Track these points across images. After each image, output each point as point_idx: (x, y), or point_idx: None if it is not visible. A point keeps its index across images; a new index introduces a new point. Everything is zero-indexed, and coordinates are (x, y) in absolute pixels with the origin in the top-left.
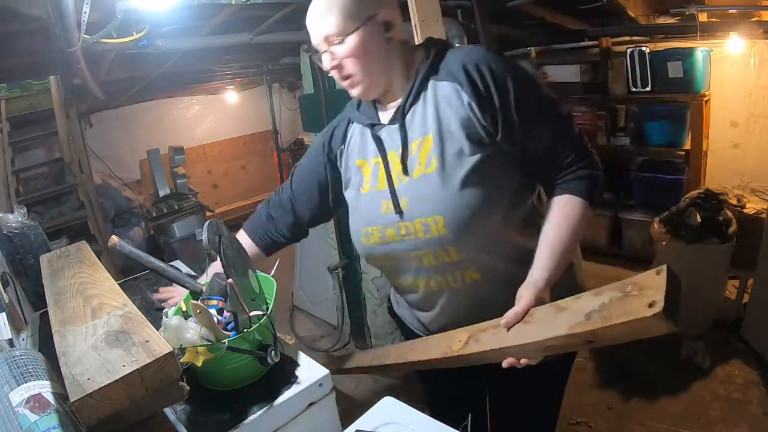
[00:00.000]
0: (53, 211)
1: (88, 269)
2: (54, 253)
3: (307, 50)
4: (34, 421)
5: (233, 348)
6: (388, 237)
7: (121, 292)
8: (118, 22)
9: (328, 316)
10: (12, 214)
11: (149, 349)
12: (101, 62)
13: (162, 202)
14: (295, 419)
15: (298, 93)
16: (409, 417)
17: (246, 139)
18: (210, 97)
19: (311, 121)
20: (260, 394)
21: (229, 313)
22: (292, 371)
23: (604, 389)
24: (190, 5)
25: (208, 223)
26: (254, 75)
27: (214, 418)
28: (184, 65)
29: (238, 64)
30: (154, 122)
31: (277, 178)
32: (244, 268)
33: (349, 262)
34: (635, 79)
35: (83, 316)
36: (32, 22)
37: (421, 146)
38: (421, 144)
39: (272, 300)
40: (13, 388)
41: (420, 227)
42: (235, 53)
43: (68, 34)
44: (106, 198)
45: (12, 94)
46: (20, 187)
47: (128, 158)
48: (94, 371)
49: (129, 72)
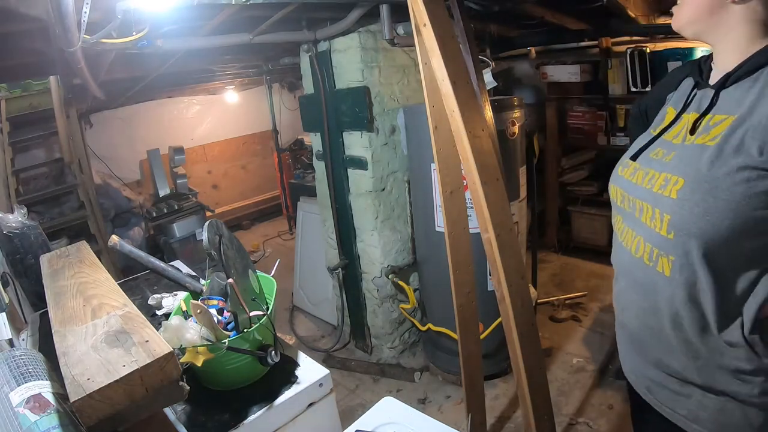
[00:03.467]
0: (53, 211)
1: (88, 269)
2: (54, 253)
3: (307, 50)
4: (34, 421)
5: (233, 348)
6: (636, 175)
7: (121, 292)
8: (118, 22)
9: (328, 316)
10: (12, 214)
11: (149, 349)
12: (101, 62)
13: (162, 202)
14: (295, 419)
15: (298, 93)
16: (409, 417)
17: (246, 139)
18: (210, 97)
19: (311, 121)
20: (260, 394)
21: (229, 313)
22: (292, 371)
23: (605, 389)
24: (190, 5)
25: (209, 223)
26: (254, 75)
27: (214, 418)
28: (184, 65)
29: (238, 64)
30: (154, 122)
31: (277, 178)
32: (244, 268)
33: (349, 262)
34: (635, 79)
35: (83, 316)
36: (32, 22)
37: (719, 124)
38: (720, 122)
39: (272, 300)
40: (13, 388)
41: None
42: (235, 53)
43: (68, 34)
44: (106, 198)
45: (12, 94)
46: (20, 187)
47: (128, 158)
48: (94, 371)
49: (129, 72)
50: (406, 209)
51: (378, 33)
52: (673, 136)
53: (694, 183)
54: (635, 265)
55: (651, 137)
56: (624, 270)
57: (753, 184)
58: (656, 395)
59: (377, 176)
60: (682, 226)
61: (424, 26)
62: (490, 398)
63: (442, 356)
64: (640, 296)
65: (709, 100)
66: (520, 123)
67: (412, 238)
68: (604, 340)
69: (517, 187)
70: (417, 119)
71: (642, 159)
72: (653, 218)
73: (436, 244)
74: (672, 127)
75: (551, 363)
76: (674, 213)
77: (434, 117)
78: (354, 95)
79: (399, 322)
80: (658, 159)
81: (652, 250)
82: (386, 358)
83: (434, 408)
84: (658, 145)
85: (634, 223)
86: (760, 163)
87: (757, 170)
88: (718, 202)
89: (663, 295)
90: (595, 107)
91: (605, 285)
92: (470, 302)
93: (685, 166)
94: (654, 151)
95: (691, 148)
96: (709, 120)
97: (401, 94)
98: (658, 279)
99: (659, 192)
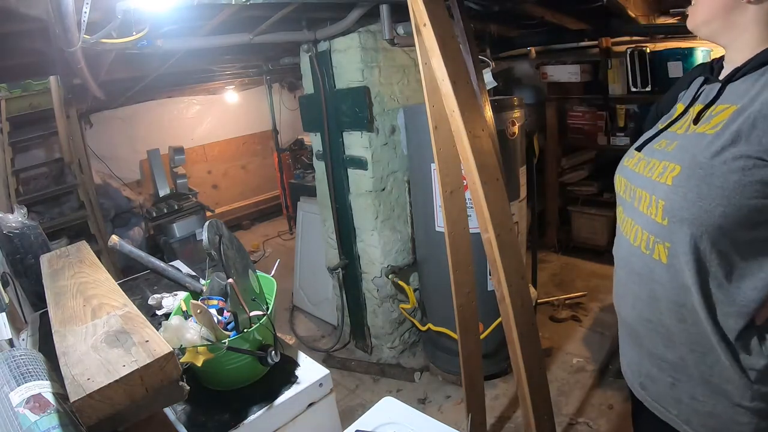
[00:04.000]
0: (53, 211)
1: (88, 269)
2: (54, 253)
3: (307, 50)
4: (34, 421)
5: (233, 348)
6: (639, 165)
7: (121, 292)
8: (118, 22)
9: (328, 316)
10: (12, 214)
11: (149, 349)
12: (101, 62)
13: (162, 202)
14: (295, 419)
15: (298, 93)
16: (409, 417)
17: (246, 139)
18: (210, 97)
19: (311, 121)
20: (260, 394)
21: (229, 313)
22: (292, 371)
23: (605, 389)
24: (190, 5)
25: (209, 223)
26: (254, 75)
27: (214, 418)
28: (184, 65)
29: (238, 64)
30: (154, 122)
31: (277, 178)
32: (245, 268)
33: (349, 262)
34: (635, 79)
35: (83, 316)
36: (32, 22)
37: (720, 113)
38: (722, 111)
39: (272, 300)
40: (13, 388)
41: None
42: (235, 53)
43: (68, 34)
44: (106, 198)
45: (12, 94)
46: (20, 187)
47: (128, 158)
48: (94, 371)
49: (129, 72)
50: (406, 209)
51: (378, 33)
52: (678, 127)
53: (689, 169)
54: (633, 253)
55: (657, 130)
56: (622, 260)
57: (749, 172)
58: (649, 392)
59: (377, 176)
60: (675, 212)
61: (424, 26)
62: (490, 398)
63: (442, 356)
64: (637, 285)
65: (716, 92)
66: (520, 123)
67: (412, 238)
68: (604, 340)
69: (517, 187)
70: (417, 119)
71: (646, 150)
72: (650, 205)
73: (436, 244)
74: (679, 120)
75: (551, 363)
76: (668, 199)
77: (434, 117)
78: (354, 95)
79: (399, 322)
80: (661, 149)
81: (648, 237)
82: (386, 358)
83: (434, 408)
84: (663, 137)
85: (633, 212)
86: (756, 152)
87: (753, 159)
88: (712, 189)
89: (660, 282)
90: (595, 107)
91: (605, 285)
92: (470, 302)
93: (683, 153)
94: (658, 142)
95: (692, 137)
96: (712, 110)
97: (401, 94)
98: (655, 266)
99: (657, 179)
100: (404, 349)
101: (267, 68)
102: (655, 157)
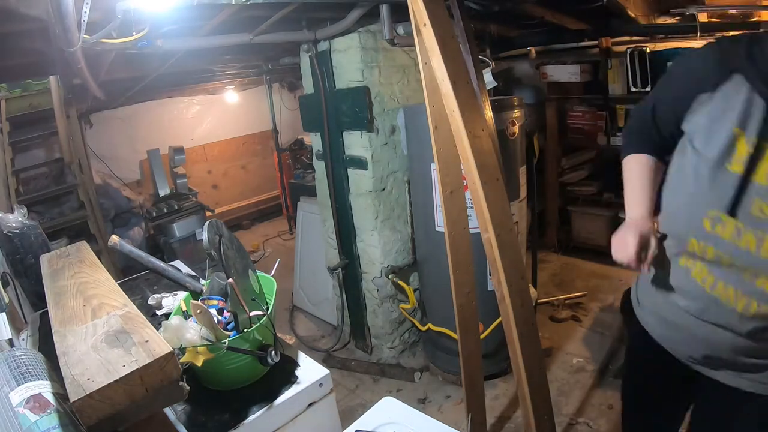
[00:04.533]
0: (53, 211)
1: (88, 269)
2: (54, 253)
3: (307, 50)
4: (34, 421)
5: (233, 348)
6: (743, 239)
7: (121, 292)
8: (118, 22)
9: (328, 316)
10: (12, 214)
11: (149, 349)
12: (101, 62)
13: (162, 202)
14: (295, 419)
15: (298, 93)
16: (409, 417)
17: (246, 139)
18: (210, 97)
19: (311, 121)
20: (260, 394)
21: (229, 313)
22: (292, 371)
23: (605, 389)
24: (190, 5)
25: (209, 223)
26: (254, 75)
27: (214, 418)
28: (184, 65)
29: (238, 64)
30: (154, 122)
31: (277, 178)
32: (244, 268)
33: (349, 261)
34: (635, 79)
35: (83, 316)
36: (32, 22)
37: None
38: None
39: (272, 300)
40: (13, 388)
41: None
42: (234, 53)
43: (68, 34)
44: (106, 198)
45: (12, 94)
46: (20, 187)
47: (128, 158)
48: (94, 371)
49: (129, 72)
50: (406, 209)
51: (378, 33)
52: (766, 176)
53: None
54: (725, 314)
55: (734, 177)
56: (703, 312)
57: None
58: (713, 362)
59: (377, 176)
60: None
61: (424, 26)
62: (490, 398)
63: (442, 356)
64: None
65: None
66: (520, 123)
67: (412, 238)
68: (604, 340)
69: (517, 187)
70: (417, 119)
71: (744, 216)
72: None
73: (436, 244)
74: (758, 163)
75: (551, 363)
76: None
77: (434, 117)
78: (354, 95)
79: (399, 322)
80: (766, 217)
81: (759, 306)
82: (386, 358)
83: (434, 408)
84: (755, 194)
85: (739, 282)
86: None
87: None
88: None
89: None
90: (595, 107)
91: (605, 285)
92: (470, 302)
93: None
94: (754, 204)
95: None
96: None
97: (401, 94)
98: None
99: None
100: (404, 349)
101: (267, 68)
102: (766, 231)
